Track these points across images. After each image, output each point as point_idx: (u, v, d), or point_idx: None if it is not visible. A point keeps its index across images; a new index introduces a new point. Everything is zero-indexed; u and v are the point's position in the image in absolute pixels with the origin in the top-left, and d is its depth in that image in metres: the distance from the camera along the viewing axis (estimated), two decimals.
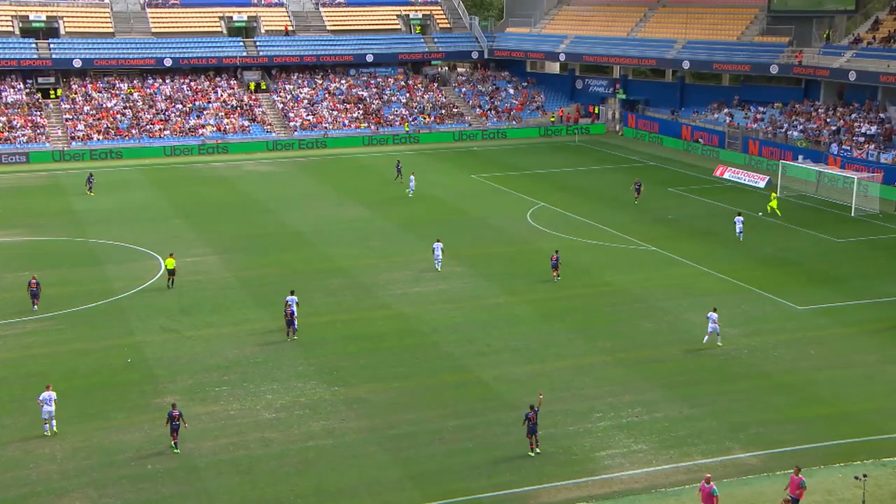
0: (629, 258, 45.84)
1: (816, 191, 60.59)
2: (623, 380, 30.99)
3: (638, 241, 48.71)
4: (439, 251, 43.16)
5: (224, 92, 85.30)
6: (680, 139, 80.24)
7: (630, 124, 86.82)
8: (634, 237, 49.45)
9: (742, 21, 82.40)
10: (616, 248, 47.73)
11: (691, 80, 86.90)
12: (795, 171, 62.35)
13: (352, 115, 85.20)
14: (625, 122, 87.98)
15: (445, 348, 33.83)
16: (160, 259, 44.53)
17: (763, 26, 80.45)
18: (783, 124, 73.35)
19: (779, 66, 74.54)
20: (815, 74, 72.81)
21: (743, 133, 74.73)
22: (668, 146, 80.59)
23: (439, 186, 63.32)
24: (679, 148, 79.52)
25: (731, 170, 67.39)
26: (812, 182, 61.51)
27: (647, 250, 47.25)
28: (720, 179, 65.17)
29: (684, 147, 79.02)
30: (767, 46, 77.82)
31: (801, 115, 73.82)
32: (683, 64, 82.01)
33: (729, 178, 66.14)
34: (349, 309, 38.02)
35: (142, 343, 34.09)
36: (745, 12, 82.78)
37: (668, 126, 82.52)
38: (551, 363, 32.40)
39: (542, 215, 54.85)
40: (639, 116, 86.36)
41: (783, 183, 60.86)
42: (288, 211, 55.67)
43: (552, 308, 38.24)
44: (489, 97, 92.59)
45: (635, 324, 36.32)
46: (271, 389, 30.14)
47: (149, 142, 76.67)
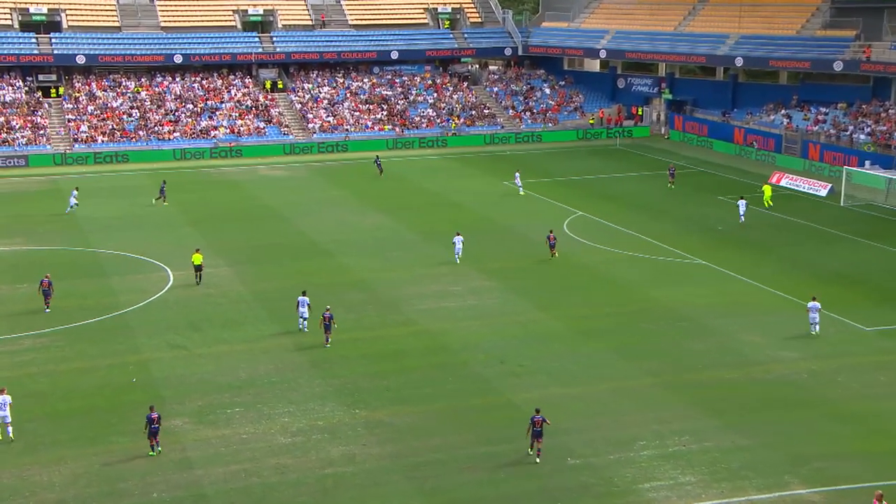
0: (675, 272, 45.59)
1: (886, 199, 59.91)
2: (669, 405, 30.77)
3: (684, 254, 48.43)
4: (460, 244, 46.38)
5: (238, 91, 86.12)
6: (732, 143, 79.78)
7: (677, 127, 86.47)
8: (681, 249, 49.18)
9: (802, 13, 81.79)
10: (660, 261, 47.50)
11: (745, 79, 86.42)
12: (862, 177, 61.67)
13: (375, 116, 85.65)
14: (671, 124, 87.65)
15: (475, 368, 33.80)
16: (168, 270, 44.95)
17: (826, 19, 79.79)
18: (848, 126, 72.67)
19: (844, 62, 73.76)
20: (885, 71, 71.89)
21: (802, 136, 74.14)
22: (719, 151, 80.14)
23: (468, 193, 63.40)
24: (731, 153, 79.02)
25: (788, 177, 66.86)
26: (881, 190, 60.78)
27: (695, 264, 46.96)
28: (776, 187, 64.67)
29: (737, 152, 78.55)
30: (831, 41, 77.10)
31: (868, 117, 73.08)
32: (736, 61, 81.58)
33: (786, 185, 65.63)
34: (371, 325, 38.13)
35: (148, 361, 34.38)
36: (806, 4, 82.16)
37: (719, 129, 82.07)
38: (590, 385, 32.26)
39: (580, 225, 54.72)
40: (686, 118, 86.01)
41: (848, 191, 60.28)
42: (305, 219, 55.99)
43: (590, 325, 38.10)
44: (523, 97, 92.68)
45: (682, 344, 36.08)
46: (287, 412, 30.26)
47: (157, 144, 77.55)
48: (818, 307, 36.99)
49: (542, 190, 64.20)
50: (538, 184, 65.88)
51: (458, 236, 46.88)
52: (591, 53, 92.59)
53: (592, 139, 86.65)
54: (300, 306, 37.30)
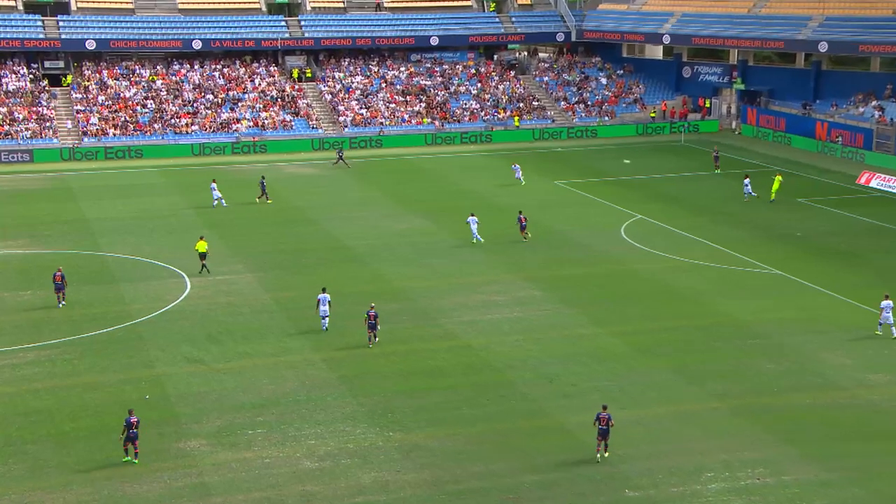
0: (746, 283, 45.24)
1: None
2: (740, 432, 30.53)
3: (757, 263, 48.04)
4: (474, 225, 50.78)
5: (262, 80, 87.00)
6: (813, 139, 79.00)
7: (750, 120, 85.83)
8: (753, 257, 48.80)
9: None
10: (730, 270, 47.17)
11: (829, 66, 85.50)
12: None
13: (412, 108, 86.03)
14: (743, 117, 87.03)
15: (521, 388, 33.81)
16: (185, 276, 45.50)
17: None
18: None
19: None
20: None
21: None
22: (798, 147, 79.42)
23: (515, 194, 63.42)
24: (812, 150, 78.24)
25: (879, 177, 65.99)
26: None
27: (769, 274, 46.55)
28: (865, 188, 63.95)
29: (819, 148, 77.78)
30: None
31: None
32: (820, 46, 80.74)
33: (877, 186, 64.80)
34: (406, 339, 38.29)
35: (162, 376, 34.80)
36: None
37: (799, 122, 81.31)
38: (649, 409, 32.12)
39: (638, 230, 54.52)
40: (761, 111, 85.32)
41: None
42: (335, 222, 56.38)
43: (650, 341, 37.96)
44: (577, 88, 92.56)
45: (754, 364, 35.80)
46: (314, 433, 30.48)
47: (174, 139, 78.56)
48: (892, 306, 37.15)
49: (597, 191, 64.02)
50: (594, 184, 65.71)
51: (472, 216, 51.02)
52: (654, 39, 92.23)
53: (654, 134, 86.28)
54: (321, 304, 38.55)
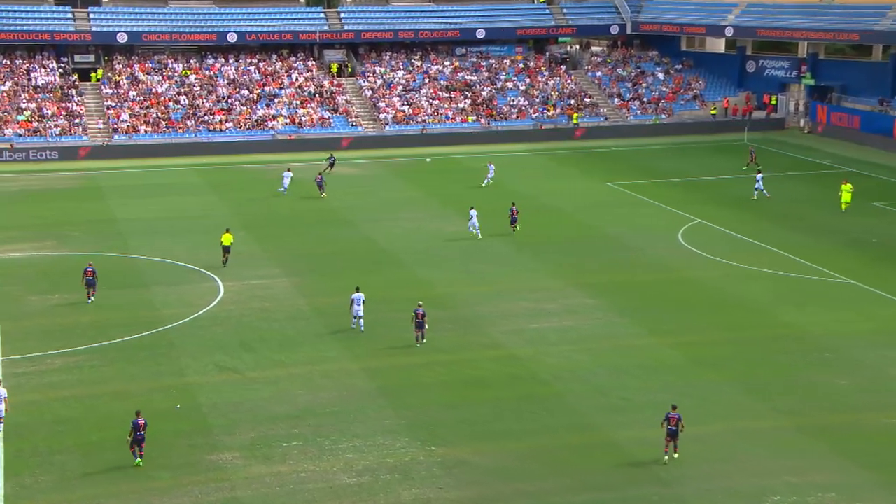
0: (815, 292, 44.75)
1: None
2: (808, 453, 30.15)
3: (827, 271, 47.49)
4: (475, 219, 52.56)
5: (300, 75, 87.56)
6: (891, 138, 77.91)
7: (820, 118, 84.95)
8: (822, 265, 48.25)
9: None
10: (797, 278, 46.67)
11: None
12: None
13: (457, 105, 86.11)
14: (812, 115, 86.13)
15: (570, 401, 33.67)
16: (218, 281, 45.86)
17: None
18: None
19: None
20: None
21: None
22: (873, 147, 78.41)
23: (565, 196, 63.25)
24: (890, 150, 77.12)
25: None
26: None
27: (841, 283, 46.00)
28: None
29: None
30: None
31: None
32: None
33: None
34: (449, 348, 38.28)
35: (194, 385, 35.04)
36: None
37: (874, 120, 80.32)
38: (708, 425, 31.82)
39: (697, 234, 54.12)
40: (832, 108, 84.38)
41: None
42: (375, 224, 56.56)
43: (709, 353, 37.64)
44: (632, 84, 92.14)
45: (824, 379, 35.37)
46: (352, 447, 30.54)
47: (207, 136, 79.30)
48: None
49: (653, 193, 63.62)
50: (649, 185, 65.32)
51: (473, 210, 53.01)
52: (715, 31, 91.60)
53: (715, 133, 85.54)
54: (354, 304, 39.24)
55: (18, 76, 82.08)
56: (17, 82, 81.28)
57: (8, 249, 51.30)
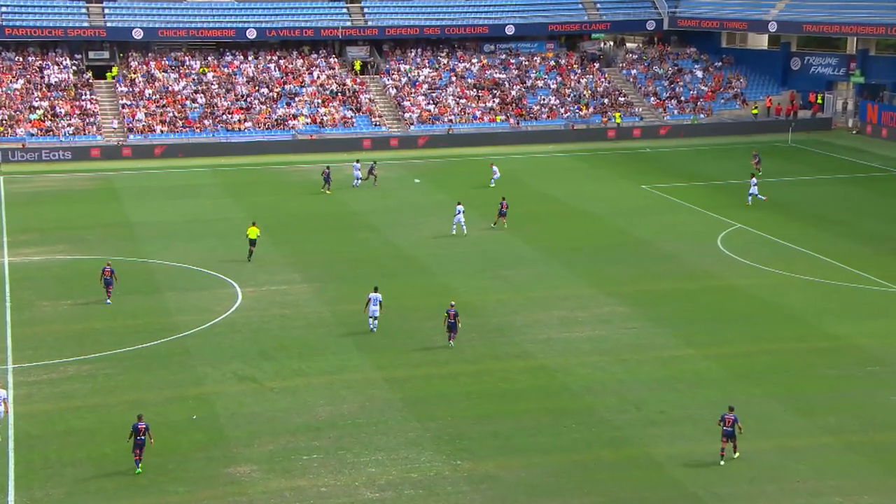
0: (862, 302, 44.49)
1: None
2: (857, 472, 29.96)
3: (878, 280, 47.20)
4: (461, 215, 53.77)
5: (322, 73, 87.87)
6: None
7: (870, 118, 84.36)
8: (872, 273, 47.97)
9: None
10: (845, 287, 46.41)
11: None
12: None
13: (485, 104, 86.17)
14: (862, 115, 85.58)
15: (603, 414, 33.64)
16: (236, 286, 46.10)
17: None
18: None
19: None
20: None
21: None
22: None
23: (597, 200, 63.15)
24: None
25: None
26: None
27: (892, 292, 45.71)
28: None
29: None
30: None
31: None
32: None
33: None
34: (476, 358, 38.32)
35: (211, 395, 35.23)
36: None
37: None
38: (750, 441, 31.64)
39: (738, 240, 53.91)
40: (883, 107, 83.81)
41: None
42: (399, 229, 56.70)
43: (750, 365, 37.50)
44: (668, 82, 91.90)
45: (873, 394, 35.15)
46: (375, 460, 30.64)
47: (226, 136, 79.69)
48: None
49: (691, 196, 63.39)
50: (687, 189, 65.12)
51: (459, 205, 54.14)
52: (758, 26, 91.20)
53: (756, 134, 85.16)
54: (371, 304, 40.10)
55: (31, 74, 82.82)
56: (29, 80, 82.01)
57: (20, 253, 51.77)
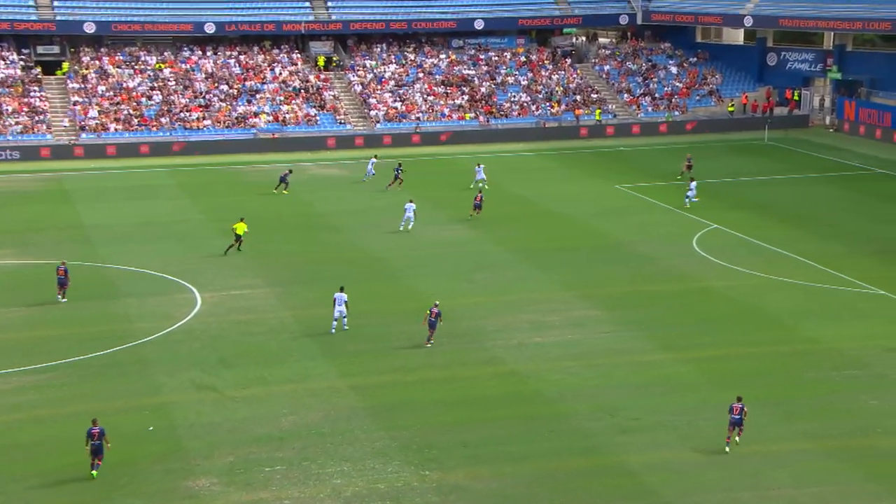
0: (843, 304, 44.85)
1: None
2: (837, 479, 30.16)
3: (856, 281, 47.60)
4: (411, 212, 54.97)
5: (284, 69, 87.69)
6: None
7: (847, 115, 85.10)
8: (851, 275, 48.35)
9: None
10: (823, 289, 46.77)
11: None
12: None
13: (454, 101, 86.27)
14: (839, 112, 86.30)
15: (576, 421, 33.73)
16: (195, 291, 45.90)
17: None
18: None
19: None
20: None
21: None
22: None
23: (570, 200, 63.36)
24: None
25: None
26: None
27: (871, 294, 46.11)
28: None
29: None
30: None
31: None
32: None
33: None
34: (446, 364, 38.34)
35: (169, 405, 35.03)
36: None
37: None
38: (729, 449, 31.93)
39: (714, 241, 54.24)
40: (861, 104, 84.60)
41: None
42: (365, 231, 56.65)
43: (728, 370, 37.70)
44: (642, 78, 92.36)
45: (853, 398, 35.40)
46: (340, 471, 30.55)
47: (183, 135, 79.38)
48: None
49: (666, 196, 63.69)
50: (662, 188, 65.40)
51: (410, 203, 55.36)
52: (733, 21, 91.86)
53: (732, 132, 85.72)
54: (336, 304, 40.68)
55: None
56: None
57: None
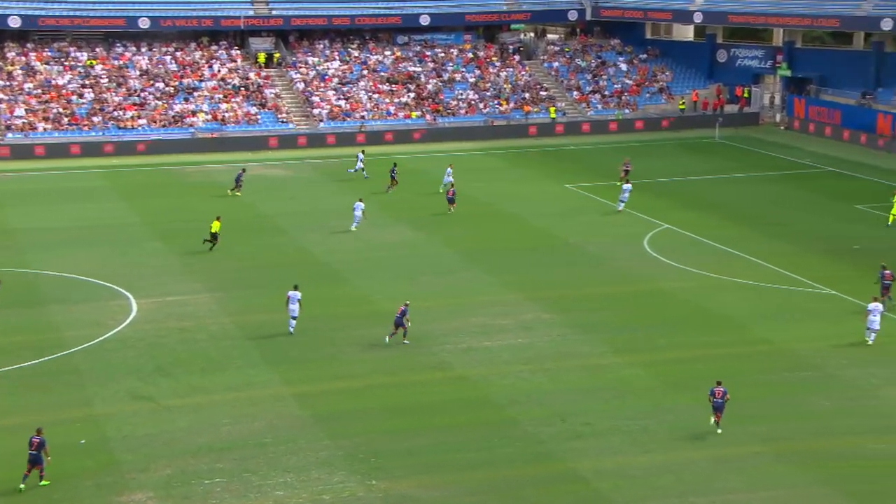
0: (794, 305, 45.27)
1: None
2: (788, 482, 30.42)
3: (807, 281, 48.09)
4: (359, 211, 55.70)
5: (223, 66, 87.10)
6: (874, 133, 79.22)
7: (797, 113, 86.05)
8: (802, 275, 48.85)
9: None
10: (775, 289, 47.20)
11: (895, 48, 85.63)
12: None
13: (399, 99, 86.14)
14: (789, 110, 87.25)
15: (527, 427, 33.73)
16: (130, 298, 45.38)
17: None
18: None
19: None
20: None
21: None
22: (855, 144, 79.66)
23: (520, 200, 63.46)
24: (872, 147, 78.47)
25: None
26: None
27: (822, 294, 46.60)
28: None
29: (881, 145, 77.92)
30: None
31: None
32: (883, 23, 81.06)
33: None
34: (393, 370, 38.22)
35: (102, 416, 34.55)
36: None
37: (856, 115, 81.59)
38: (680, 453, 32.02)
39: (665, 241, 54.57)
40: (810, 101, 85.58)
41: None
42: (310, 233, 56.38)
43: (680, 373, 37.89)
44: (592, 75, 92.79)
45: (804, 400, 35.75)
46: (283, 482, 30.33)
47: (117, 134, 78.52)
48: (881, 309, 39.60)
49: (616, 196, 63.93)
50: (612, 188, 65.69)
51: (359, 202, 56.19)
52: (683, 17, 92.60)
53: (683, 129, 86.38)
54: (290, 302, 40.89)
55: None
56: None
57: None
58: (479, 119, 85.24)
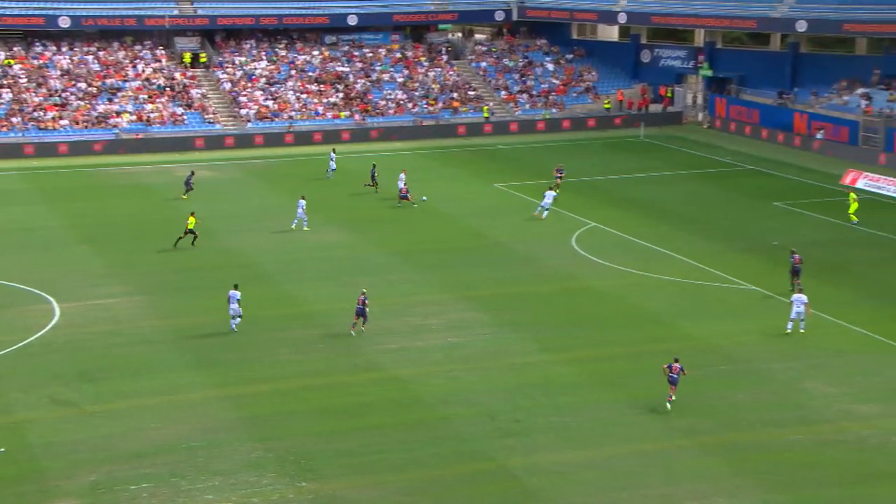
0: (716, 301, 45.84)
1: None
2: (711, 474, 30.79)
3: (729, 277, 48.72)
4: (301, 209, 55.79)
5: (147, 66, 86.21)
6: (791, 132, 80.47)
7: (718, 112, 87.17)
8: (724, 271, 49.48)
9: None
10: (697, 285, 47.77)
11: (809, 49, 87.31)
12: None
13: (328, 99, 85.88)
14: (710, 109, 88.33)
15: (458, 426, 33.80)
16: (53, 302, 44.75)
17: None
18: None
19: None
20: None
21: (886, 123, 74.74)
22: (773, 143, 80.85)
23: (449, 200, 63.57)
24: (789, 145, 79.73)
25: (867, 176, 67.40)
26: None
27: (742, 289, 47.23)
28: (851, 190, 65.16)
29: (798, 144, 79.22)
30: None
31: None
32: (798, 25, 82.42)
33: (865, 187, 66.12)
34: (324, 371, 38.10)
35: (23, 423, 34.05)
36: None
37: (774, 114, 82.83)
38: (606, 448, 32.29)
39: (592, 240, 54.99)
40: (731, 101, 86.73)
41: None
42: (236, 234, 56.03)
43: (607, 370, 38.23)
44: (519, 75, 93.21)
45: (725, 394, 36.19)
46: (212, 486, 30.10)
47: (37, 135, 77.40)
48: (805, 301, 40.77)
49: None
50: (540, 187, 66.04)
51: (302, 200, 56.31)
52: (608, 17, 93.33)
53: (608, 129, 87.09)
54: (230, 301, 41.19)
55: None
56: None
57: None
58: (408, 119, 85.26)
